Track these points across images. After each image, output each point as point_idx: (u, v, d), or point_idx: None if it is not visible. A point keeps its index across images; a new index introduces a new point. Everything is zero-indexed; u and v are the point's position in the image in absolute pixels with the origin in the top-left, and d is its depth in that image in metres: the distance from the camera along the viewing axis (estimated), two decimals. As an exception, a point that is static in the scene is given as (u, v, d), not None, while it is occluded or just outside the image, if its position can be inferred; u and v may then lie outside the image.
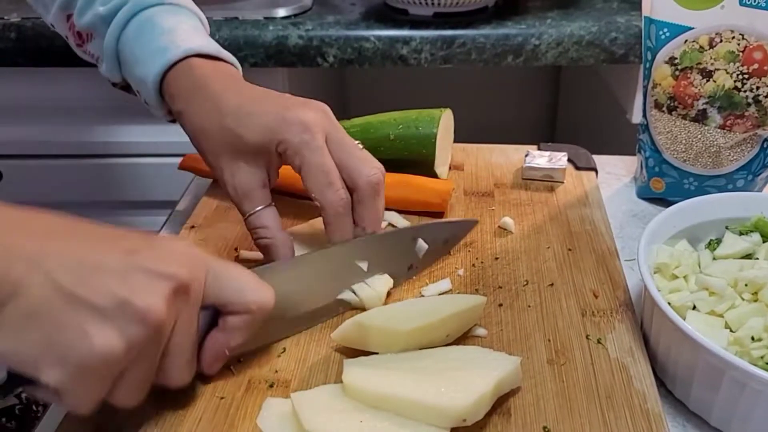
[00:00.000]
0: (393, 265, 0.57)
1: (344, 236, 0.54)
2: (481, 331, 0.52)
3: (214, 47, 0.60)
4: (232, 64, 0.62)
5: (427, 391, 0.43)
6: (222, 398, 0.47)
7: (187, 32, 0.60)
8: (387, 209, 0.67)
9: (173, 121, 0.62)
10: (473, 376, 0.44)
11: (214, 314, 0.46)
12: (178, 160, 0.74)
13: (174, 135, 1.08)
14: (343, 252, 0.55)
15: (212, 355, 0.47)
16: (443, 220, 0.63)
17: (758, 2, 0.59)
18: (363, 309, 0.54)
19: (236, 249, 0.63)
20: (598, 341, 0.51)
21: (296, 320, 0.53)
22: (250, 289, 0.45)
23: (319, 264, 0.54)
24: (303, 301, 0.53)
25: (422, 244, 0.58)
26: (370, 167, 0.54)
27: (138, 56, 0.60)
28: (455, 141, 0.77)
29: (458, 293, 0.57)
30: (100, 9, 0.62)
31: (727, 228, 0.57)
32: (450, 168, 0.75)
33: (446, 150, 0.73)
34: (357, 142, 0.56)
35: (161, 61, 0.58)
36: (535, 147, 0.77)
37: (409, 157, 0.69)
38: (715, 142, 0.65)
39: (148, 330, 0.39)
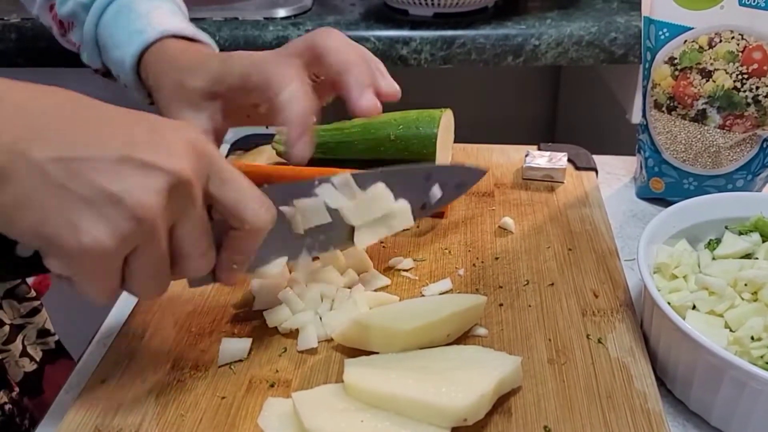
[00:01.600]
0: (409, 197, 0.56)
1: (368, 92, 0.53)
2: (481, 331, 0.52)
3: (190, 30, 0.61)
4: (209, 45, 0.63)
5: (428, 390, 0.43)
6: (223, 398, 0.48)
7: (164, 15, 0.62)
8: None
9: (152, 103, 0.63)
10: (474, 376, 0.44)
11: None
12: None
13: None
14: (360, 178, 0.54)
15: (223, 269, 0.46)
16: (457, 164, 0.63)
17: (757, 2, 0.59)
18: None
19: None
20: (599, 341, 0.51)
21: (301, 239, 0.52)
22: (249, 206, 0.43)
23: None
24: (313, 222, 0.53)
25: (436, 190, 0.59)
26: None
27: (116, 40, 0.62)
28: (455, 141, 0.77)
29: (459, 293, 0.57)
30: None
31: (726, 228, 0.57)
32: (450, 168, 0.75)
33: (447, 150, 0.73)
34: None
35: (137, 42, 0.60)
36: (535, 147, 0.77)
37: (410, 158, 0.69)
38: (715, 142, 0.65)
39: (140, 225, 0.38)
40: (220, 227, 0.44)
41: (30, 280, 0.75)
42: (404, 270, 0.60)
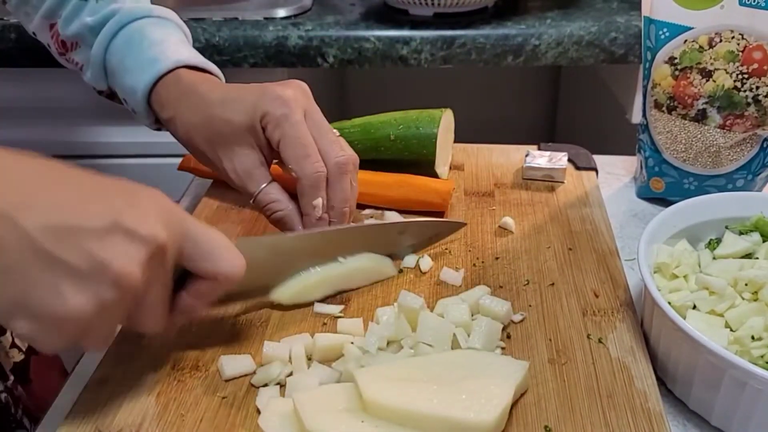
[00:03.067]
0: (381, 249, 0.59)
1: (317, 208, 0.56)
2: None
3: (200, 59, 0.63)
4: (216, 76, 0.64)
5: (451, 406, 0.42)
6: (224, 398, 0.48)
7: (176, 44, 0.62)
8: (387, 209, 0.67)
9: (159, 129, 0.65)
10: (491, 386, 0.44)
11: (185, 272, 0.46)
12: (178, 160, 0.74)
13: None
14: (329, 235, 0.56)
15: (179, 314, 0.47)
16: (433, 219, 0.64)
17: (758, 2, 0.59)
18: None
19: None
20: (599, 341, 0.51)
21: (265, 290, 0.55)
22: (222, 257, 0.45)
23: (303, 243, 0.56)
24: (277, 275, 0.55)
25: (408, 240, 0.61)
26: (339, 149, 0.56)
27: (128, 66, 0.62)
28: (455, 141, 0.77)
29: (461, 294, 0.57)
30: (88, 20, 0.64)
31: (726, 227, 0.57)
32: (450, 168, 0.75)
33: (447, 150, 0.73)
34: (334, 131, 0.58)
35: (152, 72, 0.60)
36: (535, 147, 0.77)
37: (410, 158, 0.69)
38: (715, 142, 0.65)
39: (121, 293, 0.39)
40: (179, 275, 0.46)
41: None
42: (409, 267, 0.60)
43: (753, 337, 0.45)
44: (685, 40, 0.63)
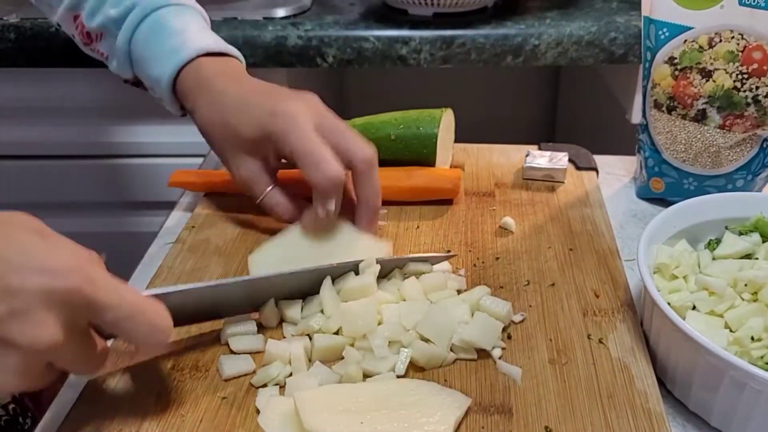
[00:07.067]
0: None
1: (328, 214, 0.57)
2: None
3: (221, 45, 0.65)
4: (237, 59, 0.66)
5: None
6: (224, 398, 0.48)
7: (196, 33, 0.64)
8: (404, 204, 0.68)
9: (184, 115, 0.66)
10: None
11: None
12: (179, 160, 0.75)
13: (173, 136, 1.08)
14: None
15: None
16: (420, 255, 0.59)
17: (757, 2, 0.59)
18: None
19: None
20: (600, 341, 0.51)
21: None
22: (141, 333, 0.41)
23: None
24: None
25: None
26: (362, 146, 0.58)
27: (151, 56, 0.64)
28: (456, 141, 0.77)
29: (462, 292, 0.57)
30: (111, 11, 0.65)
31: (726, 228, 0.57)
32: (451, 168, 0.75)
33: (447, 150, 0.73)
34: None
35: (174, 61, 0.62)
36: (535, 147, 0.77)
37: (410, 157, 0.69)
38: (715, 142, 0.65)
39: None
40: None
41: None
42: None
43: (753, 338, 0.45)
44: (685, 40, 0.63)
